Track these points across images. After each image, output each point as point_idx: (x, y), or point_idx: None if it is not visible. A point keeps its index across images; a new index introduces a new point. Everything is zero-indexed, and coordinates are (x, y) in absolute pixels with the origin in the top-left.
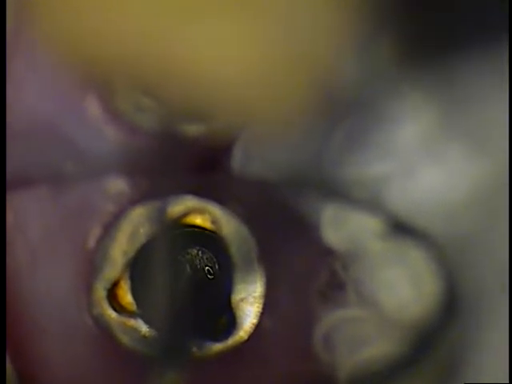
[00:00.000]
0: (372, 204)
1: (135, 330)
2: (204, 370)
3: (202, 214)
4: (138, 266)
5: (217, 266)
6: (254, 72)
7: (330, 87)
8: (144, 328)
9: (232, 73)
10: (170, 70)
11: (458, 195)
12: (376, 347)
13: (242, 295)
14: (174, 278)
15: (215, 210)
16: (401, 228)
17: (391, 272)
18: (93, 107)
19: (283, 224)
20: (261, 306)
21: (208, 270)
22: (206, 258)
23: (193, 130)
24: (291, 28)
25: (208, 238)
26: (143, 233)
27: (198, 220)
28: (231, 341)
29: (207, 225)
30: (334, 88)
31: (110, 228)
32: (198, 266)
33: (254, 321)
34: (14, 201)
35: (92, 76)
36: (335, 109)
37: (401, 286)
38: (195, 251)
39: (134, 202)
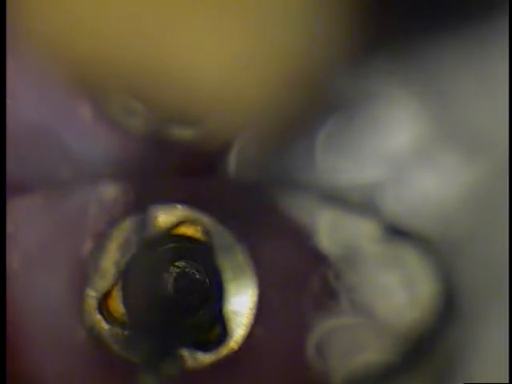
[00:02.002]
0: (367, 208)
1: (127, 340)
2: (196, 380)
3: (194, 224)
4: (129, 277)
5: (208, 277)
6: (245, 73)
7: (321, 90)
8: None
9: (222, 74)
10: (158, 72)
11: (452, 198)
12: (370, 354)
13: (234, 306)
14: (164, 290)
15: (207, 220)
16: (396, 232)
17: (387, 276)
18: (86, 113)
19: (277, 232)
20: (252, 316)
21: (199, 281)
22: (197, 270)
23: (185, 134)
24: (277, 28)
25: (199, 250)
26: (134, 243)
27: (190, 231)
28: (223, 351)
29: (198, 236)
30: (325, 90)
31: (101, 238)
32: (189, 278)
33: (246, 331)
34: (8, 209)
35: (84, 80)
36: (328, 113)
37: (396, 291)
38: (186, 263)
39: (125, 210)
